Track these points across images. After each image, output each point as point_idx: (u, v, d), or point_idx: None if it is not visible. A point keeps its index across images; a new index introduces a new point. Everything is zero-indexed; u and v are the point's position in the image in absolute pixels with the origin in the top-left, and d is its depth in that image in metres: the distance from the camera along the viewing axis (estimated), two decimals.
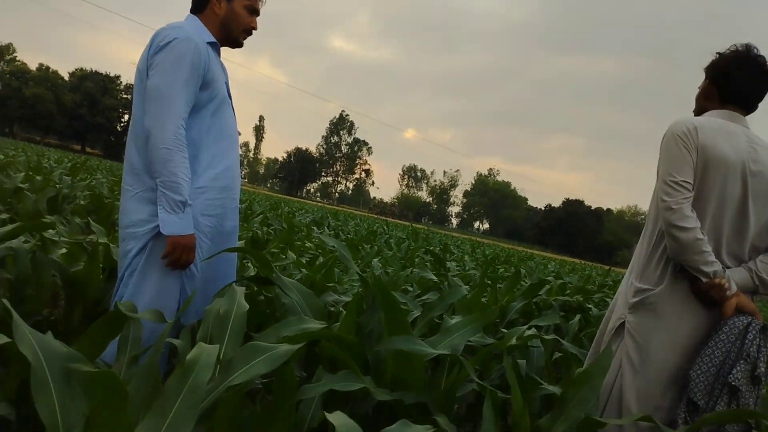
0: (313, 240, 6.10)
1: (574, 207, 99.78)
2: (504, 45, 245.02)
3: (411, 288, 3.60)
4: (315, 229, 8.17)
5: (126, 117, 75.78)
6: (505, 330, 2.93)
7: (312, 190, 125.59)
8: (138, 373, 1.25)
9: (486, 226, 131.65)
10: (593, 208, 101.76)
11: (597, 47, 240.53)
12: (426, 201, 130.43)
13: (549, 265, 15.75)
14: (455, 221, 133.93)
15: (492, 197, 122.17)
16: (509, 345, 2.04)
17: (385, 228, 16.23)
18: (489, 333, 3.07)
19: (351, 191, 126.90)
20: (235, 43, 2.11)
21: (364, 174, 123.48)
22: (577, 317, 3.62)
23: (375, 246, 7.19)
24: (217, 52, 2.07)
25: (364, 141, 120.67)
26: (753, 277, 1.80)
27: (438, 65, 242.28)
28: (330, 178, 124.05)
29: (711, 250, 1.75)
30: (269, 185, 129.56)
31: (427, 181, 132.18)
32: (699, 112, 2.00)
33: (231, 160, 2.04)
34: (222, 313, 1.63)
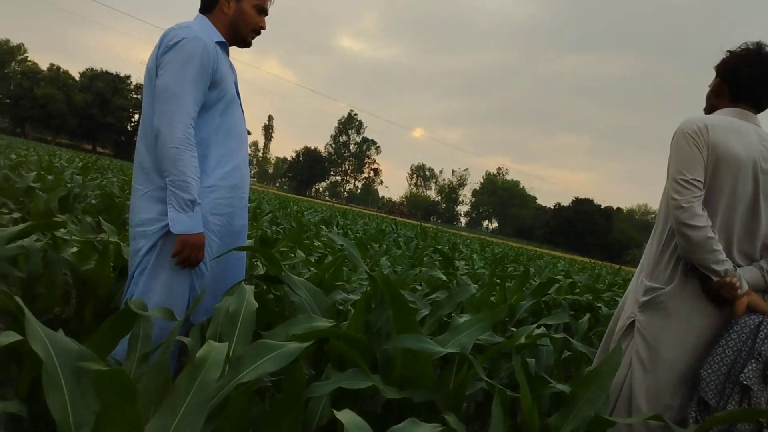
0: (322, 239, 6.11)
1: (583, 206, 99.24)
2: (513, 43, 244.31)
3: (419, 287, 3.59)
4: (324, 228, 8.19)
5: (136, 117, 76.30)
6: (514, 329, 2.92)
7: (321, 189, 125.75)
8: (148, 371, 1.26)
9: (495, 225, 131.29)
10: (603, 206, 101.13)
11: (607, 44, 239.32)
12: (434, 200, 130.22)
13: (558, 264, 15.68)
14: (464, 220, 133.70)
15: (501, 196, 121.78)
16: (518, 344, 2.04)
17: (394, 227, 16.22)
18: (498, 332, 3.06)
19: (359, 190, 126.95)
20: (244, 43, 2.11)
21: (372, 173, 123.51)
22: (587, 316, 3.60)
23: (383, 245, 7.19)
24: (226, 51, 2.07)
25: (372, 140, 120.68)
26: (764, 276, 1.79)
27: (446, 64, 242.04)
28: (339, 177, 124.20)
29: (722, 248, 1.74)
30: (278, 184, 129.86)
31: (436, 180, 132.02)
32: (710, 110, 1.99)
33: (240, 159, 2.04)
34: (231, 312, 1.63)
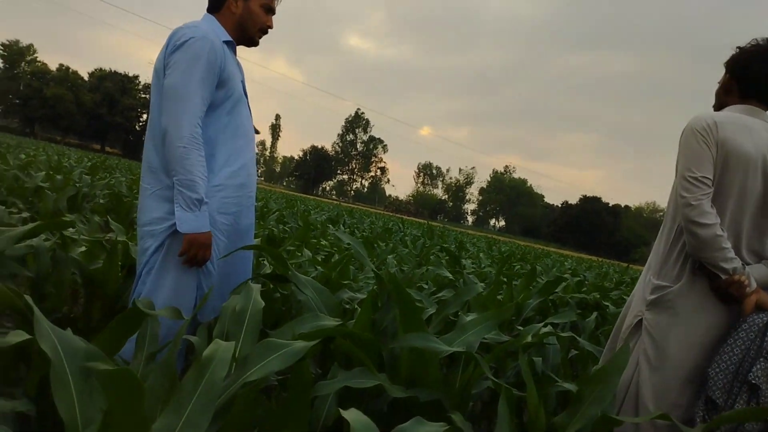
0: (329, 238, 6.12)
1: (591, 204, 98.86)
2: (520, 41, 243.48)
3: (426, 285, 3.59)
4: (330, 227, 8.19)
5: (144, 116, 76.73)
6: (521, 327, 2.91)
7: (328, 188, 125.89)
8: (155, 370, 1.27)
9: (502, 223, 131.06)
10: (611, 204, 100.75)
11: (615, 43, 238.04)
12: (441, 198, 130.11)
13: (566, 263, 15.62)
14: (471, 219, 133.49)
15: (508, 194, 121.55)
16: (525, 342, 2.03)
17: (401, 226, 16.21)
18: (505, 330, 3.05)
19: (366, 189, 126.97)
20: (251, 42, 2.12)
21: (379, 172, 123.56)
22: (594, 314, 3.59)
23: (390, 243, 7.19)
24: (233, 50, 2.08)
25: (379, 139, 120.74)
26: None
27: (453, 62, 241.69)
28: (345, 176, 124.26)
29: (730, 246, 1.73)
30: (285, 183, 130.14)
31: (443, 179, 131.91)
32: (719, 107, 1.97)
33: (247, 158, 2.04)
34: (238, 310, 1.64)
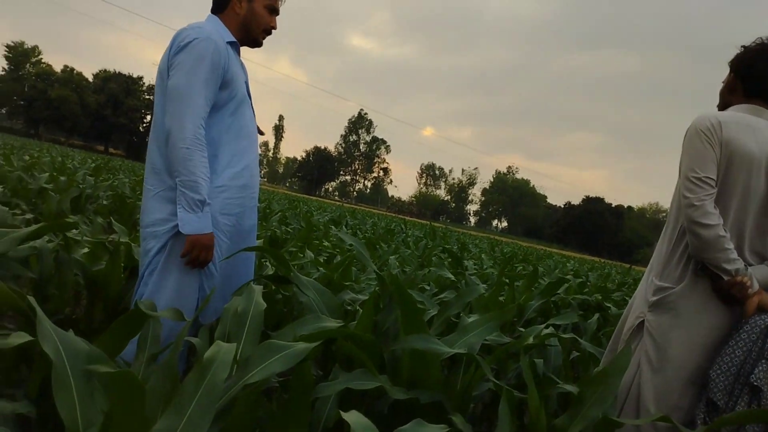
0: (331, 239, 6.12)
1: (594, 204, 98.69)
2: (524, 41, 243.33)
3: (428, 287, 3.59)
4: (333, 228, 8.20)
5: (148, 118, 76.86)
6: (523, 329, 2.91)
7: (330, 189, 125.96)
8: (157, 371, 1.27)
9: (504, 224, 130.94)
10: (614, 205, 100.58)
11: (618, 42, 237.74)
12: (444, 199, 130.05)
13: (568, 264, 15.59)
14: (473, 219, 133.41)
15: (511, 195, 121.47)
16: (526, 344, 2.03)
17: (403, 227, 16.20)
18: (506, 332, 3.05)
19: (369, 190, 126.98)
20: (255, 43, 2.12)
21: (382, 172, 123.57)
22: (596, 316, 3.58)
23: (392, 244, 7.19)
24: (237, 51, 2.08)
25: (382, 139, 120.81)
26: None
27: (457, 62, 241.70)
28: (348, 176, 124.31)
29: (733, 247, 1.72)
30: (288, 184, 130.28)
31: (446, 180, 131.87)
32: (723, 106, 1.96)
33: (250, 159, 2.05)
34: (240, 312, 1.64)
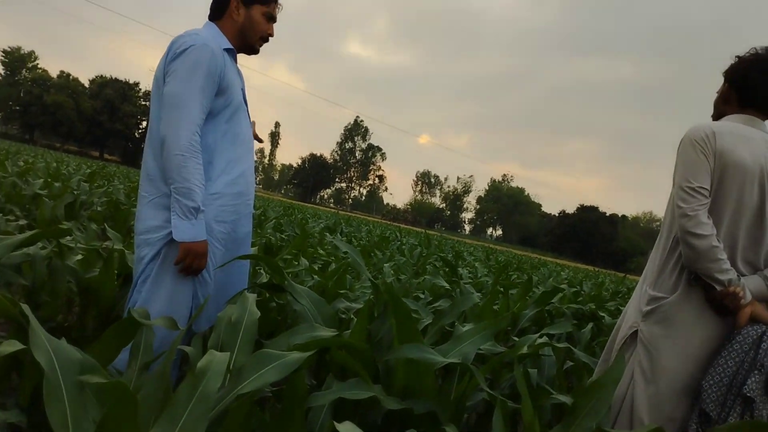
0: (326, 246, 6.12)
1: (588, 213, 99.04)
2: (520, 49, 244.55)
3: (423, 295, 3.59)
4: (328, 235, 8.19)
5: (144, 124, 76.82)
6: (517, 338, 2.91)
7: (326, 196, 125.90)
8: (149, 380, 1.26)
9: (499, 232, 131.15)
10: (608, 214, 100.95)
11: (614, 50, 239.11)
12: (439, 207, 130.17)
13: (562, 273, 15.61)
14: (468, 227, 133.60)
15: (506, 203, 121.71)
16: (520, 354, 2.03)
17: (398, 234, 16.21)
18: (500, 341, 3.05)
19: (364, 197, 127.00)
20: (252, 50, 2.12)
21: (377, 180, 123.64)
22: (590, 325, 3.58)
23: (387, 252, 7.19)
24: (234, 58, 2.08)
25: (378, 147, 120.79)
26: None
27: (453, 70, 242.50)
28: (344, 184, 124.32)
29: (726, 257, 1.73)
30: (284, 191, 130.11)
31: (441, 187, 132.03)
32: (717, 116, 1.97)
33: (246, 166, 2.04)
34: (233, 320, 1.64)
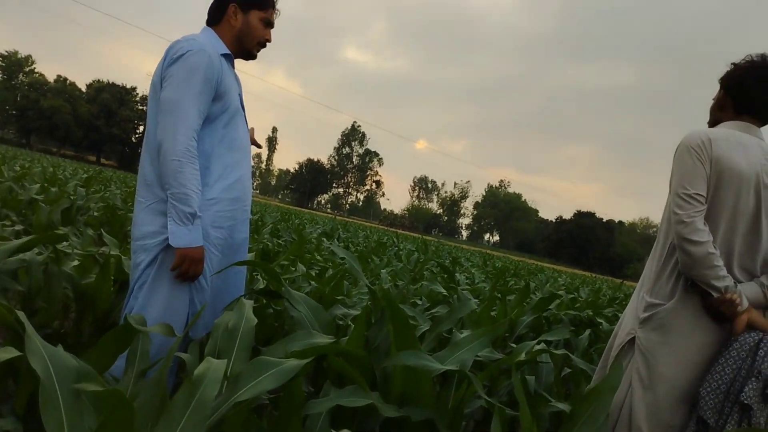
0: (323, 252, 6.11)
1: (585, 219, 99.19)
2: (517, 55, 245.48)
3: (420, 301, 3.59)
4: (325, 241, 8.18)
5: (141, 128, 76.72)
6: (515, 345, 2.91)
7: (323, 201, 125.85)
8: (146, 387, 1.26)
9: (496, 238, 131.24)
10: (605, 220, 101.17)
11: (611, 56, 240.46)
12: (436, 213, 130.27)
13: (560, 279, 15.62)
14: (465, 233, 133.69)
15: (503, 209, 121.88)
16: (518, 360, 2.03)
17: (395, 240, 16.19)
18: (498, 347, 3.05)
19: (361, 203, 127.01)
20: (249, 56, 2.12)
21: (374, 185, 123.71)
22: (587, 332, 3.58)
23: (385, 258, 7.18)
24: (231, 63, 2.08)
25: (375, 152, 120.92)
26: (765, 292, 1.77)
27: (451, 75, 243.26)
28: (341, 189, 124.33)
29: (722, 264, 1.73)
30: (281, 197, 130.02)
31: (438, 193, 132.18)
32: (713, 123, 1.97)
33: (243, 171, 2.04)
34: (230, 327, 1.63)
